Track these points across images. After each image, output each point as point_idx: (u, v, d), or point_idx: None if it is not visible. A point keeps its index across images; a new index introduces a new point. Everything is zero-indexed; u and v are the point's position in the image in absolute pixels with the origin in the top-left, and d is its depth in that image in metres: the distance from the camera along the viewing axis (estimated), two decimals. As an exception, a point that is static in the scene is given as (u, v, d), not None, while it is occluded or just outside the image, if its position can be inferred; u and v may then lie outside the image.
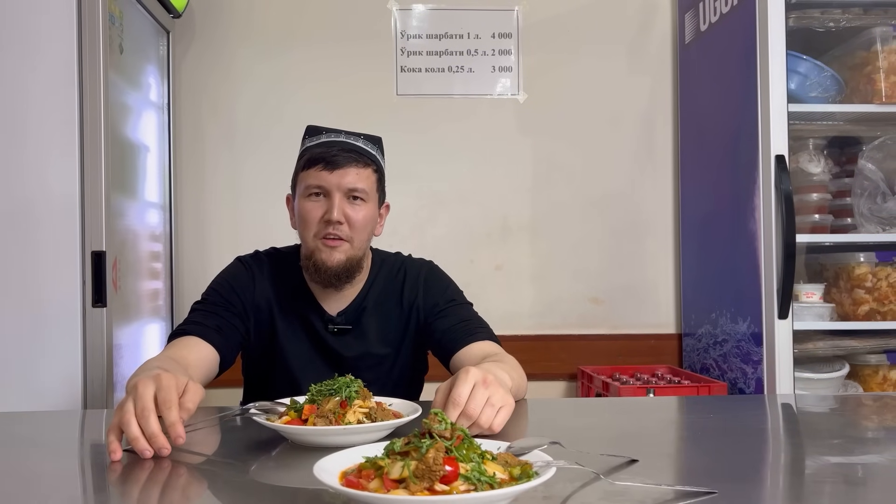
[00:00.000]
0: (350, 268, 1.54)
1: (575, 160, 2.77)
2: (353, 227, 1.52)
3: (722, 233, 2.41)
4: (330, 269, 1.51)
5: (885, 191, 2.25)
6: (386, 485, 0.78)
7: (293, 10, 2.71)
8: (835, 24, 2.26)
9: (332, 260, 1.51)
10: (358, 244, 1.54)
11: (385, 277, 1.65)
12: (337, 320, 1.59)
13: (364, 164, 1.54)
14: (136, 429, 1.04)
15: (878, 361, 2.29)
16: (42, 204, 1.84)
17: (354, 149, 1.54)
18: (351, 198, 1.52)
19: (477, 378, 1.12)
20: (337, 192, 1.50)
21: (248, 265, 1.63)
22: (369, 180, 1.54)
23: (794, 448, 1.24)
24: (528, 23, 2.76)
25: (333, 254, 1.51)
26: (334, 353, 1.59)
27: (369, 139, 1.58)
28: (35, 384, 1.82)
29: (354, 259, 1.54)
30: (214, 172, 2.68)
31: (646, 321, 2.77)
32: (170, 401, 1.05)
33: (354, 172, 1.51)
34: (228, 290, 1.57)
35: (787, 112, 2.11)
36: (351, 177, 1.51)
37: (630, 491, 0.88)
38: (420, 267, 1.68)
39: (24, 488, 0.99)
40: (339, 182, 1.50)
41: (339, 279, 1.54)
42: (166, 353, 1.41)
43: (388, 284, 1.65)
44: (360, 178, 1.52)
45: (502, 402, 1.13)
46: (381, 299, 1.63)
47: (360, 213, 1.52)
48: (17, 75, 1.85)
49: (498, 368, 1.26)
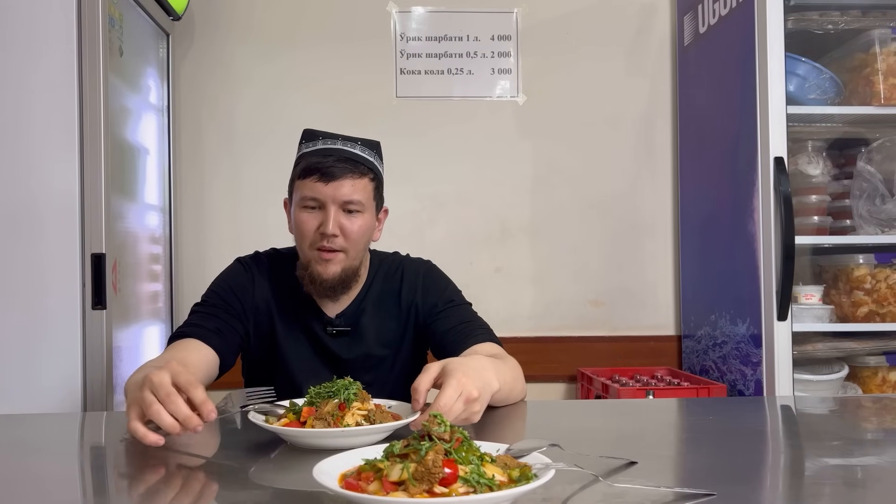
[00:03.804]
0: (346, 278, 1.53)
1: (574, 162, 2.77)
2: (348, 238, 1.51)
3: (721, 234, 2.41)
4: (325, 281, 1.51)
5: (883, 192, 2.25)
6: (385, 487, 0.78)
7: (293, 12, 2.71)
8: (833, 26, 2.26)
9: (327, 273, 1.51)
10: (354, 255, 1.54)
11: (383, 278, 1.65)
12: (336, 322, 1.59)
13: (360, 173, 1.52)
14: (167, 415, 1.05)
15: (877, 363, 2.29)
16: (42, 206, 1.84)
17: (351, 157, 1.52)
18: (346, 210, 1.51)
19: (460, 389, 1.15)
20: (332, 205, 1.49)
21: (248, 266, 1.62)
22: (365, 190, 1.53)
23: (793, 450, 1.24)
24: (527, 25, 2.77)
25: (329, 266, 1.50)
26: (333, 354, 1.59)
27: (367, 144, 1.56)
28: (35, 386, 1.82)
29: (350, 269, 1.54)
30: (214, 174, 2.69)
31: (645, 323, 2.77)
32: (191, 381, 1.08)
33: (350, 184, 1.49)
34: (227, 293, 1.57)
35: (785, 114, 2.11)
36: (346, 188, 1.49)
37: (629, 493, 0.88)
38: (418, 266, 1.68)
39: (24, 491, 0.99)
40: (335, 194, 1.49)
41: (334, 290, 1.54)
42: (166, 356, 1.41)
43: (386, 285, 1.64)
44: (355, 189, 1.50)
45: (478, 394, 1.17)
46: (379, 300, 1.63)
47: (355, 224, 1.51)
48: (17, 78, 1.85)
49: (483, 360, 1.30)
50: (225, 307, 1.55)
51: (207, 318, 1.52)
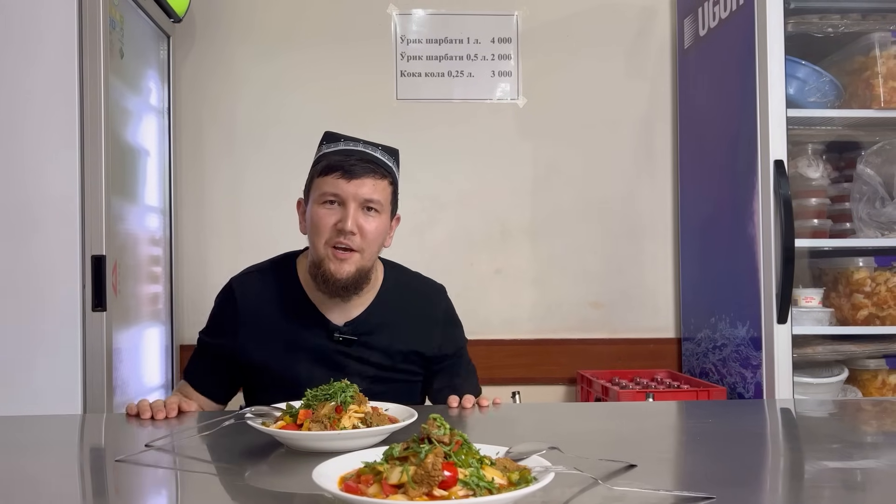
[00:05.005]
0: (359, 279, 1.54)
1: (575, 164, 2.77)
2: (364, 238, 1.52)
3: (721, 237, 2.41)
4: (339, 280, 1.52)
5: (883, 195, 2.25)
6: (385, 490, 0.79)
7: (293, 15, 2.72)
8: (833, 29, 2.27)
9: (341, 272, 1.51)
10: (368, 256, 1.55)
11: (398, 294, 1.65)
12: (343, 330, 1.58)
13: (381, 175, 1.54)
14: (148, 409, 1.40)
15: (877, 366, 2.29)
16: (42, 208, 1.84)
17: (372, 159, 1.54)
18: (365, 209, 1.52)
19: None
20: (352, 202, 1.51)
21: (233, 290, 1.64)
22: (385, 192, 1.55)
23: (793, 453, 1.24)
24: (527, 27, 2.77)
25: (343, 266, 1.51)
26: (335, 362, 1.58)
27: (387, 150, 1.59)
28: (35, 388, 1.82)
29: (364, 270, 1.54)
30: (214, 176, 2.69)
31: (645, 325, 2.77)
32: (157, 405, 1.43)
33: (371, 183, 1.52)
34: (215, 333, 1.65)
35: (785, 117, 2.11)
36: (367, 188, 1.51)
37: (628, 496, 0.88)
38: (439, 299, 1.71)
39: (23, 492, 0.99)
40: (356, 192, 1.51)
41: (346, 290, 1.54)
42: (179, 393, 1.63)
43: (401, 303, 1.65)
44: (376, 189, 1.53)
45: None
46: (391, 316, 1.63)
47: (372, 224, 1.53)
48: (18, 80, 1.85)
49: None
50: (213, 350, 1.64)
51: (203, 364, 1.65)
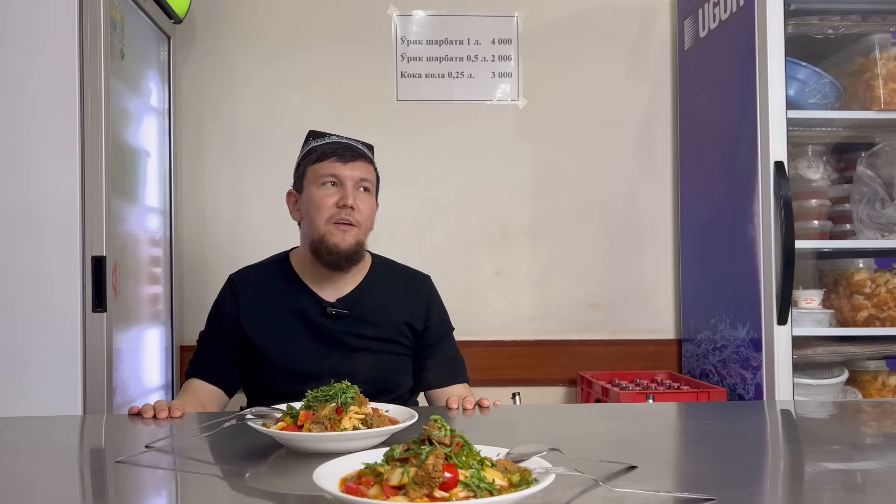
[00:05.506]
0: (357, 251, 1.71)
1: (575, 165, 2.77)
2: (361, 213, 1.71)
3: (721, 239, 2.41)
4: (342, 250, 1.68)
5: (883, 197, 2.25)
6: (385, 491, 0.79)
7: (294, 16, 2.72)
8: (833, 30, 2.27)
9: (345, 242, 1.68)
10: (363, 230, 1.73)
11: (386, 274, 1.82)
12: (336, 305, 1.72)
13: (369, 160, 1.77)
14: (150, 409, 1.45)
15: (877, 367, 2.29)
16: (43, 209, 1.84)
17: (359, 149, 1.76)
18: (360, 188, 1.72)
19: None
20: (349, 182, 1.70)
21: (232, 281, 1.80)
22: (372, 175, 1.77)
23: (793, 454, 1.24)
24: (527, 29, 2.77)
25: (346, 237, 1.68)
26: (331, 336, 1.70)
27: (365, 145, 1.79)
28: (35, 389, 1.82)
29: (360, 244, 1.73)
30: (215, 177, 2.69)
31: (645, 326, 2.77)
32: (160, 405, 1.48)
33: (363, 166, 1.73)
34: (217, 320, 1.77)
35: (786, 118, 2.11)
36: (360, 170, 1.72)
37: (629, 498, 0.88)
38: (425, 280, 1.87)
39: (23, 493, 0.99)
40: (352, 173, 1.70)
41: (348, 261, 1.70)
42: (182, 397, 1.69)
43: (388, 281, 1.81)
44: (367, 171, 1.74)
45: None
46: (380, 291, 1.78)
47: (367, 201, 1.73)
48: (18, 81, 1.85)
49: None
50: (217, 337, 1.75)
51: (206, 354, 1.74)
